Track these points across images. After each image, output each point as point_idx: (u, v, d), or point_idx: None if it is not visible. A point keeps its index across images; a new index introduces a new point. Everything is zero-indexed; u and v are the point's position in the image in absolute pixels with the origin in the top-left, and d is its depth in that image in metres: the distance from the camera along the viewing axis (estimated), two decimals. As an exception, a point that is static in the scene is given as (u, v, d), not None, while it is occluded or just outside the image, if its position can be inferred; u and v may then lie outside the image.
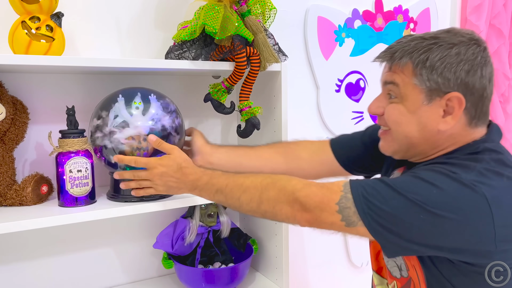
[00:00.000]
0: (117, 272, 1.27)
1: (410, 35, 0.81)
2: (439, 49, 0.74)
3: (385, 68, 0.83)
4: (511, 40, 1.91)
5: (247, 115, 1.11)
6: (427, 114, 0.77)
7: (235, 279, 1.18)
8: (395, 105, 0.80)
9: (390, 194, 0.70)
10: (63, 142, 0.99)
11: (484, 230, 0.68)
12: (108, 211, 0.97)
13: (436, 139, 0.78)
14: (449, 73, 0.74)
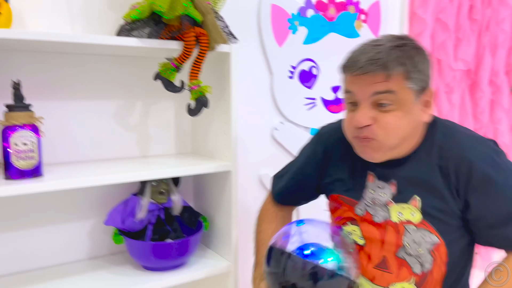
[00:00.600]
0: (67, 250, 1.27)
1: (377, 43, 0.86)
2: (417, 53, 0.86)
3: (371, 75, 0.84)
4: (457, 34, 2.02)
5: (196, 94, 1.14)
6: (417, 111, 0.87)
7: (185, 253, 1.21)
8: (393, 113, 0.85)
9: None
10: (8, 115, 0.99)
11: None
12: (54, 183, 0.99)
13: (419, 130, 0.90)
14: (427, 72, 0.87)
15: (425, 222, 0.90)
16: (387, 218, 0.94)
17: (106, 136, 1.30)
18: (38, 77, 1.17)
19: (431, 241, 0.90)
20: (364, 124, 0.86)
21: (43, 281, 1.15)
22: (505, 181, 0.86)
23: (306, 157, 1.11)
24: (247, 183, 1.58)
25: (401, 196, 0.93)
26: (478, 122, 2.17)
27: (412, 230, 0.91)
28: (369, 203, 0.96)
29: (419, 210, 0.91)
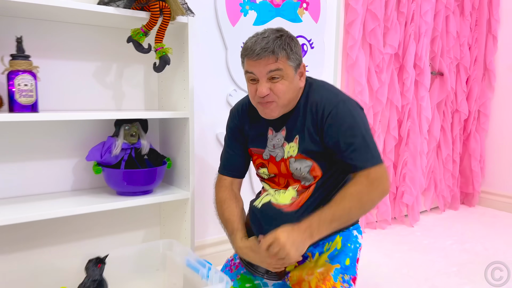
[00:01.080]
0: (54, 182, 1.57)
1: (264, 36, 1.20)
2: (292, 40, 1.22)
3: (265, 59, 1.18)
4: (385, 23, 2.41)
5: (160, 53, 1.47)
6: (296, 80, 1.24)
7: (152, 182, 1.53)
8: (282, 82, 1.21)
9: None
10: (13, 62, 1.29)
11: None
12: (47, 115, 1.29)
13: (299, 92, 1.28)
14: (299, 53, 1.24)
15: (299, 155, 1.27)
16: (282, 156, 1.31)
17: (87, 90, 1.61)
18: (34, 39, 1.47)
19: (306, 165, 1.27)
20: (266, 93, 1.21)
21: (34, 201, 1.44)
22: (344, 119, 1.21)
23: (229, 132, 1.44)
24: (204, 136, 1.90)
25: (288, 137, 1.30)
26: (405, 98, 2.57)
27: (293, 161, 1.29)
28: (271, 148, 1.33)
29: (297, 147, 1.27)
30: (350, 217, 1.20)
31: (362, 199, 1.18)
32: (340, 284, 1.25)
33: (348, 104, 1.24)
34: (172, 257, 1.44)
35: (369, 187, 1.19)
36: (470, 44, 2.94)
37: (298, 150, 1.27)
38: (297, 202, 1.26)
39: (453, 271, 1.98)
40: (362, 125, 1.22)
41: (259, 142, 1.36)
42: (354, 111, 1.23)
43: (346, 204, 1.17)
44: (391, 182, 1.34)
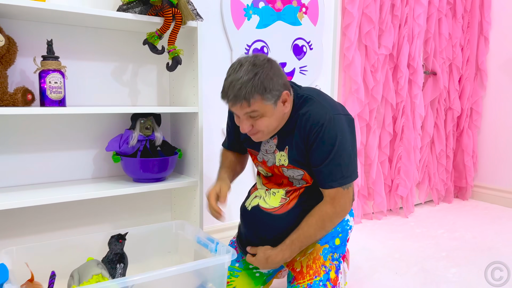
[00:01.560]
0: (76, 170, 1.75)
1: (237, 77, 1.21)
2: (266, 78, 1.21)
3: (239, 105, 1.22)
4: (380, 26, 2.57)
5: (173, 54, 1.64)
6: (278, 110, 1.28)
7: (164, 169, 1.70)
8: (261, 120, 1.26)
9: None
10: (44, 63, 1.47)
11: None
12: (76, 109, 1.47)
13: (286, 115, 1.34)
14: (277, 86, 1.24)
15: (290, 165, 1.39)
16: (274, 162, 1.44)
17: (106, 88, 1.78)
18: (62, 42, 1.64)
19: (298, 174, 1.41)
20: (247, 131, 1.30)
21: (59, 187, 1.61)
22: (326, 138, 1.27)
23: (230, 127, 1.58)
24: (210, 130, 2.07)
25: (279, 145, 1.39)
26: (399, 96, 2.73)
27: (285, 170, 1.42)
28: (264, 153, 1.46)
29: (287, 157, 1.37)
30: (315, 239, 1.39)
31: (325, 225, 1.36)
32: (330, 262, 1.40)
33: (334, 122, 1.28)
34: (184, 236, 1.61)
35: (332, 214, 1.34)
36: (462, 45, 3.09)
37: (289, 161, 1.38)
38: (285, 205, 1.39)
39: (442, 256, 2.14)
40: (341, 145, 1.28)
41: (253, 143, 1.46)
42: (338, 130, 1.28)
43: (311, 231, 1.35)
44: (355, 195, 1.50)
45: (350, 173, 1.34)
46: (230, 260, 1.34)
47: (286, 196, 1.41)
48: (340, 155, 1.30)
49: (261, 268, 1.43)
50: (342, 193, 1.34)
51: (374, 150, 2.63)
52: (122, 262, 1.43)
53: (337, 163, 1.30)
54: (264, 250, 1.39)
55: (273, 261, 1.37)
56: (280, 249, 1.37)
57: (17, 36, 1.54)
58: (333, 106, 1.35)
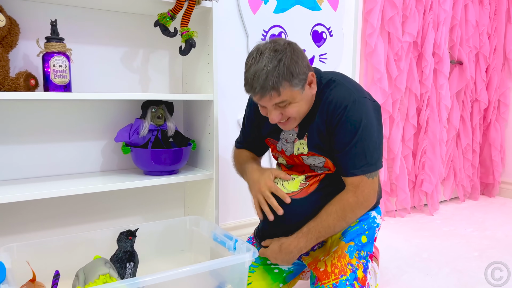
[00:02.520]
0: (84, 163, 1.63)
1: (260, 66, 1.12)
2: (291, 62, 1.13)
3: (268, 96, 1.14)
4: (404, 11, 2.42)
5: (186, 36, 1.52)
6: (306, 93, 1.20)
7: (178, 161, 1.58)
8: (290, 106, 1.18)
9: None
10: (48, 45, 1.36)
11: None
12: (82, 94, 1.35)
13: (313, 97, 1.25)
14: (302, 69, 1.16)
15: (310, 153, 1.29)
16: (292, 152, 1.34)
17: (115, 75, 1.67)
18: (67, 25, 1.53)
19: (320, 161, 1.29)
20: (277, 120, 1.21)
21: (65, 180, 1.50)
22: (350, 121, 1.19)
23: (247, 120, 1.48)
24: (225, 121, 1.95)
25: (300, 134, 1.31)
26: (424, 87, 2.57)
27: (305, 158, 1.31)
28: (284, 142, 1.36)
29: (306, 145, 1.29)
30: (334, 231, 1.26)
31: (346, 216, 1.23)
32: (356, 260, 1.27)
33: (359, 105, 1.20)
34: (199, 233, 1.49)
35: (353, 204, 1.22)
36: (489, 33, 2.92)
37: (308, 148, 1.29)
38: (305, 189, 1.28)
39: (474, 256, 1.99)
40: (366, 130, 1.19)
41: (273, 133, 1.38)
42: (363, 113, 1.20)
43: (330, 220, 1.23)
44: (380, 189, 1.36)
45: (375, 160, 1.23)
46: (251, 259, 1.21)
47: (306, 181, 1.30)
48: (364, 140, 1.20)
49: (273, 260, 1.29)
50: (367, 182, 1.23)
51: (397, 144, 2.48)
52: (132, 261, 1.32)
53: (360, 149, 1.20)
54: (279, 239, 1.28)
55: (286, 249, 1.25)
56: (295, 236, 1.25)
57: (20, 18, 1.44)
58: (359, 89, 1.25)
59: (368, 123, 1.20)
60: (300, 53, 1.18)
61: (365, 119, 1.20)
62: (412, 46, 2.51)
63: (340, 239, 1.31)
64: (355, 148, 1.20)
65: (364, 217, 1.36)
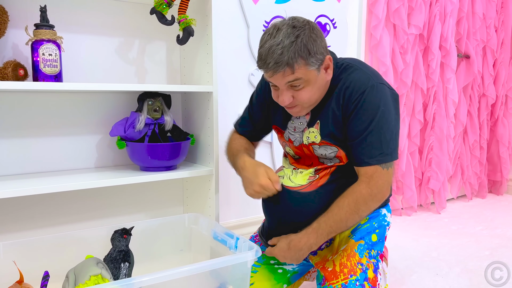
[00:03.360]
0: (78, 158, 1.55)
1: (277, 41, 1.06)
2: (310, 39, 1.06)
3: (282, 72, 1.07)
4: (410, 3, 2.35)
5: (184, 24, 1.44)
6: (321, 77, 1.12)
7: (176, 156, 1.50)
8: (303, 90, 1.11)
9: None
10: (37, 32, 1.28)
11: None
12: (73, 85, 1.27)
13: (327, 84, 1.17)
14: (320, 49, 1.09)
15: (323, 141, 1.20)
16: (301, 141, 1.25)
17: (110, 66, 1.59)
18: (58, 12, 1.46)
19: (332, 151, 1.21)
20: (287, 103, 1.14)
21: (56, 176, 1.42)
22: (367, 108, 1.11)
23: (256, 101, 1.38)
24: (226, 115, 1.87)
25: (311, 122, 1.22)
26: (430, 81, 2.49)
27: (316, 148, 1.22)
28: (291, 131, 1.27)
29: (319, 133, 1.20)
30: (347, 226, 1.17)
31: (359, 209, 1.14)
32: (367, 260, 1.19)
33: (377, 91, 1.13)
34: (198, 231, 1.41)
35: (367, 195, 1.14)
36: (496, 26, 2.84)
37: (321, 136, 1.20)
38: (315, 182, 1.20)
39: (486, 255, 1.90)
40: (383, 117, 1.12)
41: (280, 120, 1.30)
42: (381, 100, 1.13)
43: (342, 214, 1.14)
44: (393, 184, 1.25)
45: (391, 150, 1.14)
46: (253, 258, 1.13)
47: (315, 174, 1.22)
48: (381, 128, 1.12)
49: (282, 259, 1.20)
50: (381, 173, 1.14)
51: (403, 140, 2.40)
52: (127, 261, 1.24)
53: (377, 137, 1.12)
54: (287, 236, 1.19)
55: (296, 247, 1.16)
56: (305, 232, 1.16)
57: (8, 5, 1.36)
58: (377, 75, 1.17)
59: (386, 111, 1.13)
60: (319, 33, 1.12)
61: (383, 106, 1.13)
62: (418, 39, 2.43)
63: (349, 237, 1.23)
64: (371, 136, 1.12)
65: (374, 214, 1.28)
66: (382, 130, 1.12)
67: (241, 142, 1.39)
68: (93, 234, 1.30)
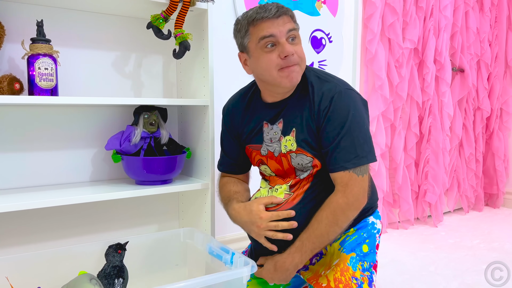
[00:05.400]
0: (73, 172, 1.54)
1: (271, 4, 1.16)
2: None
3: (283, 18, 1.14)
4: (404, 18, 2.37)
5: (180, 39, 1.45)
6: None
7: (172, 170, 1.49)
8: (299, 44, 1.18)
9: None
10: (33, 46, 1.28)
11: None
12: (69, 98, 1.27)
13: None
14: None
15: (299, 149, 1.20)
16: (280, 151, 1.24)
17: (106, 80, 1.59)
18: (54, 27, 1.46)
19: (307, 160, 1.21)
20: (293, 52, 1.13)
21: (50, 190, 1.41)
22: (337, 113, 1.14)
23: (225, 134, 1.39)
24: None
25: (285, 130, 1.22)
26: (426, 94, 2.51)
27: (293, 156, 1.22)
28: (268, 143, 1.26)
29: (294, 141, 1.20)
30: (329, 239, 1.16)
31: (338, 220, 1.14)
32: (360, 273, 1.18)
33: (345, 96, 1.15)
34: (194, 246, 1.39)
35: (344, 205, 1.14)
36: (490, 40, 2.88)
37: (297, 144, 1.20)
38: (291, 200, 1.20)
39: (483, 269, 1.89)
40: (354, 121, 1.14)
41: (255, 138, 1.30)
42: (351, 104, 1.15)
43: (322, 227, 1.14)
44: (370, 192, 1.24)
45: (365, 153, 1.15)
46: (249, 273, 1.12)
47: (290, 191, 1.21)
48: (353, 131, 1.14)
49: (270, 281, 1.20)
50: (356, 180, 1.14)
51: (399, 153, 2.41)
52: (121, 277, 1.22)
53: (350, 140, 1.14)
54: (273, 257, 1.19)
55: (282, 267, 1.15)
56: (288, 252, 1.16)
57: (5, 19, 1.36)
58: (344, 83, 1.22)
59: (357, 114, 1.15)
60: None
61: (353, 110, 1.15)
62: (413, 53, 2.46)
63: (339, 250, 1.22)
64: (344, 141, 1.13)
65: (362, 224, 1.28)
66: (354, 133, 1.13)
67: (228, 188, 1.35)
68: (86, 249, 1.29)
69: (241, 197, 1.30)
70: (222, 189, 1.38)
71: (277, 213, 1.15)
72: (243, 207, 1.20)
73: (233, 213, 1.23)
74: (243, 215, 1.19)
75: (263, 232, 1.16)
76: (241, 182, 1.40)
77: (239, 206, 1.22)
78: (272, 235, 1.15)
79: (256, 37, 1.15)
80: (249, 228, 1.19)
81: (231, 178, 1.39)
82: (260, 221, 1.15)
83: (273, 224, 1.15)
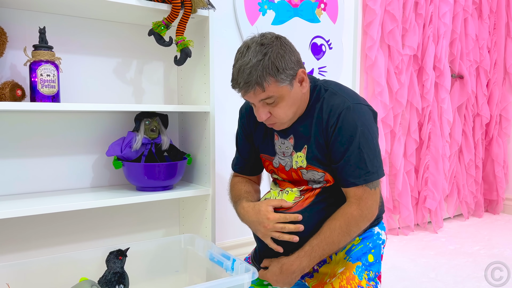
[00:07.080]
0: (74, 178, 1.54)
1: (245, 60, 1.08)
2: (277, 56, 1.08)
3: (252, 92, 1.09)
4: (404, 25, 2.39)
5: (181, 46, 1.45)
6: (295, 91, 1.14)
7: (172, 176, 1.50)
8: (279, 106, 1.13)
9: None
10: (35, 53, 1.29)
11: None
12: (71, 105, 1.28)
13: (304, 98, 1.19)
14: (290, 64, 1.11)
15: (309, 166, 1.21)
16: (291, 166, 1.25)
17: (108, 86, 1.60)
18: (56, 34, 1.47)
19: (319, 175, 1.21)
20: (264, 119, 1.16)
21: (51, 196, 1.41)
22: (346, 129, 1.13)
23: (240, 135, 1.40)
24: (223, 134, 1.87)
25: (297, 146, 1.23)
26: (425, 101, 2.52)
27: (305, 172, 1.23)
28: (281, 156, 1.27)
29: (305, 158, 1.21)
30: (338, 247, 1.17)
31: (350, 230, 1.15)
32: (366, 283, 1.18)
33: (353, 112, 1.14)
34: (194, 252, 1.39)
35: (358, 217, 1.15)
36: (489, 47, 2.89)
37: (307, 161, 1.21)
38: (300, 202, 1.20)
39: (484, 276, 1.89)
40: (363, 137, 1.13)
41: (267, 148, 1.31)
42: (359, 119, 1.14)
43: (334, 236, 1.14)
44: (384, 201, 1.23)
45: (376, 168, 1.15)
46: (250, 280, 1.12)
47: (300, 194, 1.22)
48: (363, 147, 1.13)
49: (274, 283, 1.19)
50: (370, 193, 1.15)
51: (399, 159, 2.41)
52: (122, 283, 1.22)
53: (360, 157, 1.13)
54: (279, 260, 1.18)
55: (288, 270, 1.15)
56: (297, 255, 1.15)
57: (7, 26, 1.37)
58: (353, 95, 1.19)
59: (365, 130, 1.14)
60: (289, 47, 1.13)
61: (361, 125, 1.14)
62: (413, 60, 2.47)
63: (345, 259, 1.22)
64: (354, 157, 1.13)
65: (368, 234, 1.28)
66: (364, 149, 1.13)
67: (239, 188, 1.37)
68: (87, 256, 1.29)
69: (251, 197, 1.31)
70: (233, 188, 1.38)
71: (284, 216, 1.16)
72: (252, 207, 1.21)
73: (241, 211, 1.24)
74: (251, 215, 1.20)
75: (269, 233, 1.16)
76: (252, 183, 1.41)
77: (248, 205, 1.23)
78: (278, 236, 1.16)
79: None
80: (256, 228, 1.19)
81: (243, 178, 1.41)
82: (267, 221, 1.15)
83: (279, 226, 1.15)
